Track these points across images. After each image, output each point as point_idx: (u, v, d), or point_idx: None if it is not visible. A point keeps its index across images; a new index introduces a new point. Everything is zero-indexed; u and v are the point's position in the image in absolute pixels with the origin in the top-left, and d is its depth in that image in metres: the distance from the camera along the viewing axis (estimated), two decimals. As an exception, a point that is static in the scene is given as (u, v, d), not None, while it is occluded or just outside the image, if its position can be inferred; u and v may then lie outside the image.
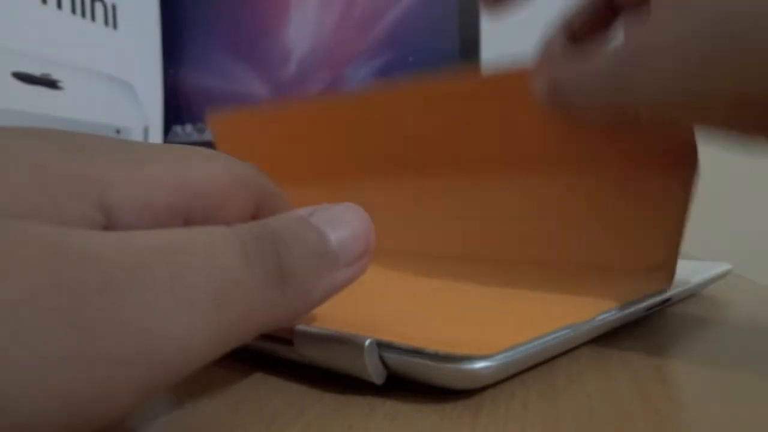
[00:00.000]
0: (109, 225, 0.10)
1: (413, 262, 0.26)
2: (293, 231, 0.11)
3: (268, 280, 0.10)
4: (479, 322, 0.14)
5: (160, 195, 0.11)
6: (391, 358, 0.12)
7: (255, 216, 0.14)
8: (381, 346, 0.12)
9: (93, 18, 0.47)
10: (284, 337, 0.14)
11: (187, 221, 0.12)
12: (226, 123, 0.31)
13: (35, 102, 0.41)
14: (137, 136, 0.53)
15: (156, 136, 0.56)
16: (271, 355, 0.14)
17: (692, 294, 0.23)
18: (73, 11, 0.44)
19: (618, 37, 0.20)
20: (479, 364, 0.11)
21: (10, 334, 0.07)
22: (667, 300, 0.19)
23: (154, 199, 0.11)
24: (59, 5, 0.43)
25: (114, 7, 0.50)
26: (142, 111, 0.54)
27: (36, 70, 0.41)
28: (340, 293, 0.12)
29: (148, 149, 0.12)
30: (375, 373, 0.12)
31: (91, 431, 0.08)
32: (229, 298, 0.09)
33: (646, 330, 0.18)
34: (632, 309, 0.17)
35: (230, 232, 0.10)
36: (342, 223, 0.12)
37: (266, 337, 0.14)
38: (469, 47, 0.47)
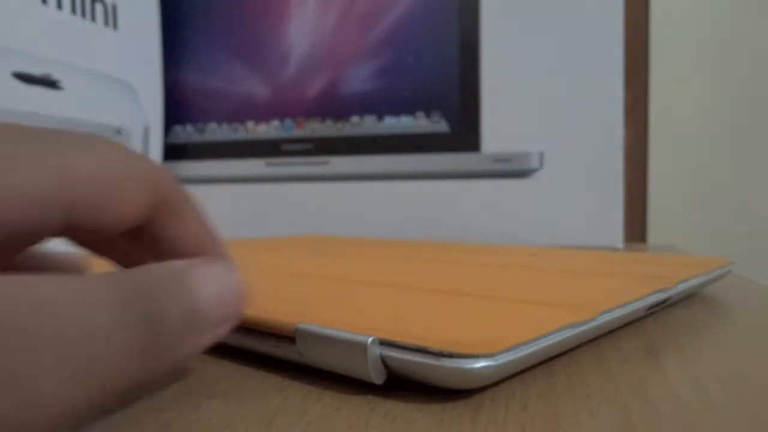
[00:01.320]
0: None
1: (412, 261, 0.26)
2: (167, 291, 0.11)
3: (139, 341, 0.10)
4: (480, 322, 0.14)
5: (36, 178, 0.11)
6: (392, 357, 0.12)
7: (152, 216, 0.13)
8: (383, 344, 0.12)
9: (93, 18, 0.47)
10: (286, 335, 0.14)
11: (71, 213, 0.11)
12: None
13: (35, 102, 0.41)
14: (137, 136, 0.53)
15: (156, 136, 0.56)
16: (271, 355, 0.14)
17: (692, 294, 0.23)
18: (73, 11, 0.44)
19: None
20: (479, 364, 0.11)
21: None
22: (667, 300, 0.19)
23: (30, 181, 0.11)
24: (59, 5, 0.43)
25: (114, 7, 0.50)
26: (142, 111, 0.54)
27: (36, 70, 0.41)
28: (341, 293, 0.12)
29: (29, 132, 0.11)
30: (376, 373, 0.12)
31: None
32: (100, 358, 0.09)
33: (646, 330, 0.18)
34: (632, 309, 0.17)
35: (110, 289, 0.10)
36: (215, 284, 0.12)
37: (266, 336, 0.14)
38: (469, 47, 0.47)
